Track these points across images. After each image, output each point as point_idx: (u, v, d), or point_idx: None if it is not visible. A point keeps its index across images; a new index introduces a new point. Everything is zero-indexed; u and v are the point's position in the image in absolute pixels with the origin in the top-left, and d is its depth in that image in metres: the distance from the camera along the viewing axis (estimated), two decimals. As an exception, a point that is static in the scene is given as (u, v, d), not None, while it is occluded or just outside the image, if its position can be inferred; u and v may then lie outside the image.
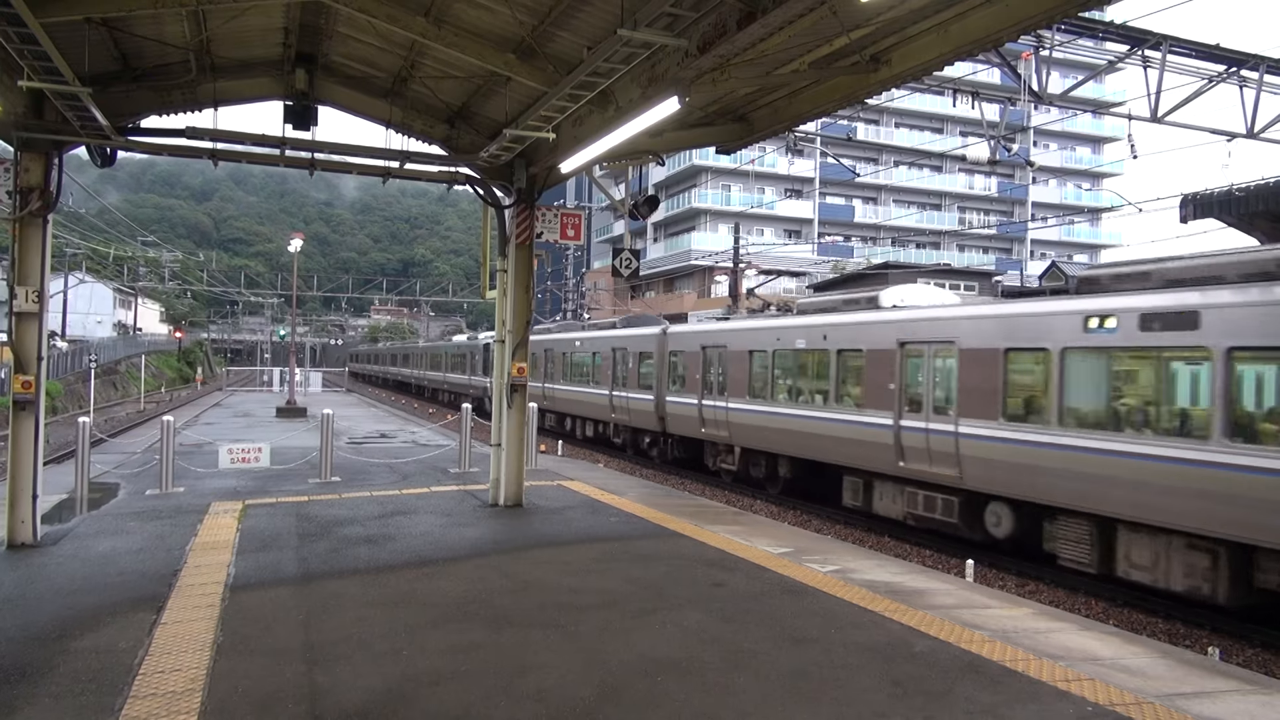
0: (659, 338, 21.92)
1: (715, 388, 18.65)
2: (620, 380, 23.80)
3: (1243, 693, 5.32)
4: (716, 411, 18.45)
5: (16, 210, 9.08)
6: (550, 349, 29.65)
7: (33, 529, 9.17)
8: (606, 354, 25.12)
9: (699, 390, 19.20)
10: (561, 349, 28.91)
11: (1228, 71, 16.18)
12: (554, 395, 28.74)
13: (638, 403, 22.67)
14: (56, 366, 38.65)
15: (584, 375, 27.49)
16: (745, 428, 17.52)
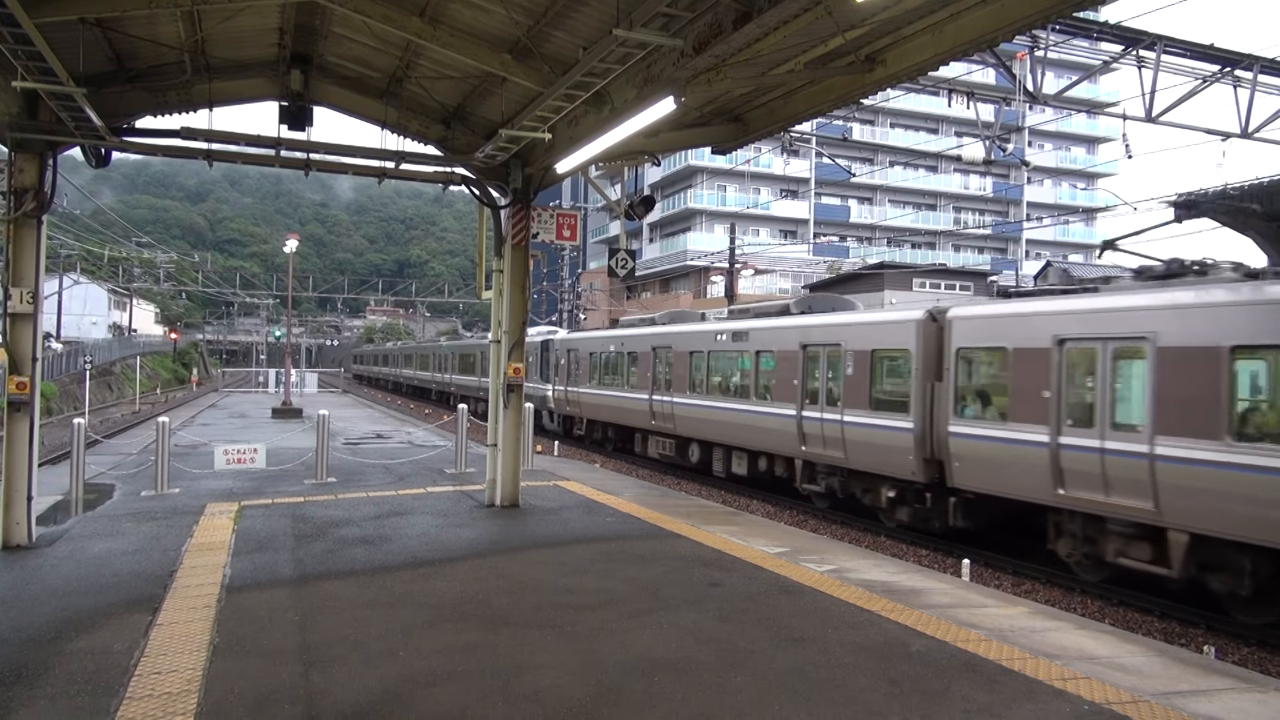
0: None
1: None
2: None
3: (1238, 691, 5.34)
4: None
5: (11, 211, 9.05)
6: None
7: (28, 530, 9.15)
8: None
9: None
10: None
11: (1222, 71, 16.21)
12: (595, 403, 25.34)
13: None
14: (51, 368, 38.56)
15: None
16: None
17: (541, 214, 12.09)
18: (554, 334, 32.56)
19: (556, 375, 28.47)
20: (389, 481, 13.90)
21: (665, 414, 20.47)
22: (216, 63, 10.37)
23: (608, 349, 24.62)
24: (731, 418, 17.70)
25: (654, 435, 21.47)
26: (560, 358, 28.00)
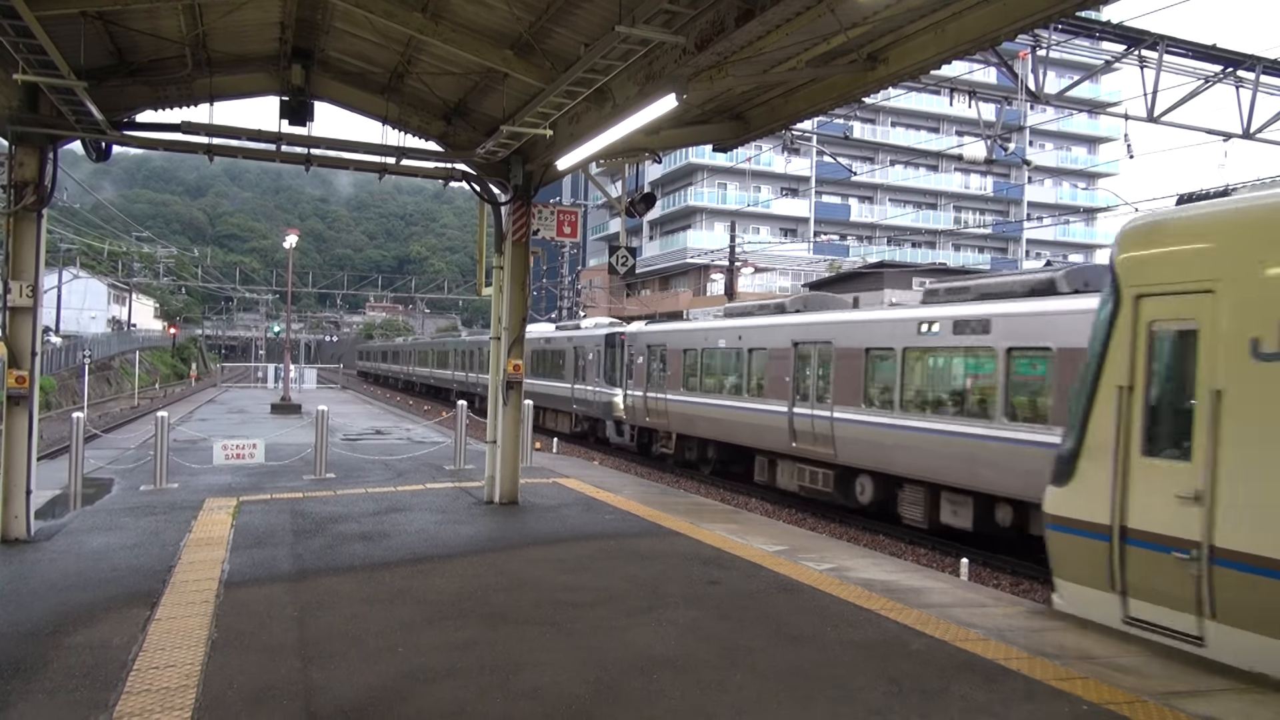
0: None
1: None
2: None
3: (1238, 692, 5.33)
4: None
5: (11, 205, 9.04)
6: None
7: (26, 524, 9.15)
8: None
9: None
10: None
11: (1224, 72, 16.21)
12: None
13: None
14: (50, 362, 38.53)
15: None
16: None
17: (542, 211, 12.08)
18: (618, 326, 26.85)
19: (631, 378, 23.16)
20: (388, 477, 13.90)
21: (817, 434, 15.28)
22: (217, 57, 10.36)
23: (715, 344, 19.25)
24: (954, 447, 12.46)
25: (793, 461, 16.36)
26: (637, 356, 22.74)
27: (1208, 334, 6.11)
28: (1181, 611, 6.14)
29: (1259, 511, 5.68)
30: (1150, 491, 6.37)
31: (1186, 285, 6.32)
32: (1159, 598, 6.28)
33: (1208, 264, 6.23)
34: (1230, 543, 5.80)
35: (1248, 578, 5.68)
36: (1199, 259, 6.33)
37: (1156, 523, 6.29)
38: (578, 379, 27.72)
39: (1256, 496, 5.73)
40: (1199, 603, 6.00)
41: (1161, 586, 6.24)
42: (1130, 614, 6.51)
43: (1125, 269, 6.79)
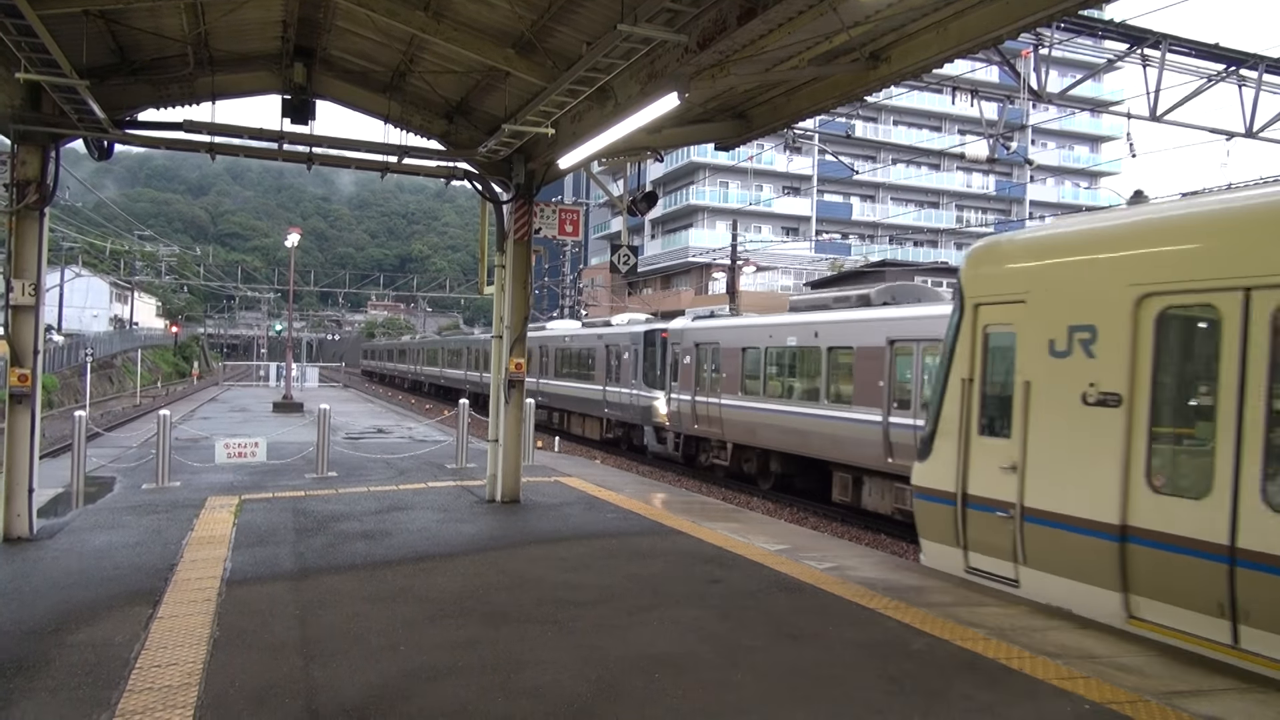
0: None
1: None
2: None
3: (1240, 691, 5.33)
4: None
5: (13, 203, 9.05)
6: None
7: (29, 522, 9.16)
8: None
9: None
10: None
11: (1227, 71, 16.19)
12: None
13: None
14: (53, 360, 38.58)
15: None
16: None
17: (544, 209, 12.08)
18: (657, 322, 24.75)
19: (676, 380, 21.20)
20: (390, 476, 13.90)
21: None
22: (219, 56, 10.36)
23: (784, 342, 17.16)
24: None
25: (887, 479, 14.26)
26: (684, 355, 20.78)
27: (1021, 336, 7.55)
28: (1003, 560, 7.60)
29: (1052, 477, 7.16)
30: (984, 464, 7.79)
31: (1008, 296, 7.76)
32: (989, 549, 7.74)
33: (1022, 280, 7.66)
34: (1034, 503, 7.26)
35: (1045, 529, 7.17)
36: (1016, 275, 7.77)
37: (987, 489, 7.73)
38: (610, 380, 25.30)
39: (1051, 465, 7.18)
40: (1014, 552, 7.45)
41: (990, 540, 7.71)
42: (970, 565, 7.98)
43: (968, 282, 8.25)
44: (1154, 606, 6.39)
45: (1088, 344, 6.94)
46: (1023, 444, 7.36)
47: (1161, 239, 6.71)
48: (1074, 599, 6.95)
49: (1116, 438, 6.60)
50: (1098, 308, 6.90)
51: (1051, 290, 7.34)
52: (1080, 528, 6.85)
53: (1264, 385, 5.78)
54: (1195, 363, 6.58)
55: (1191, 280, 6.29)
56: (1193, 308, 6.39)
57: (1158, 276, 6.52)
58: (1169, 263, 6.52)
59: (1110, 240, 7.23)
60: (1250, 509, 5.75)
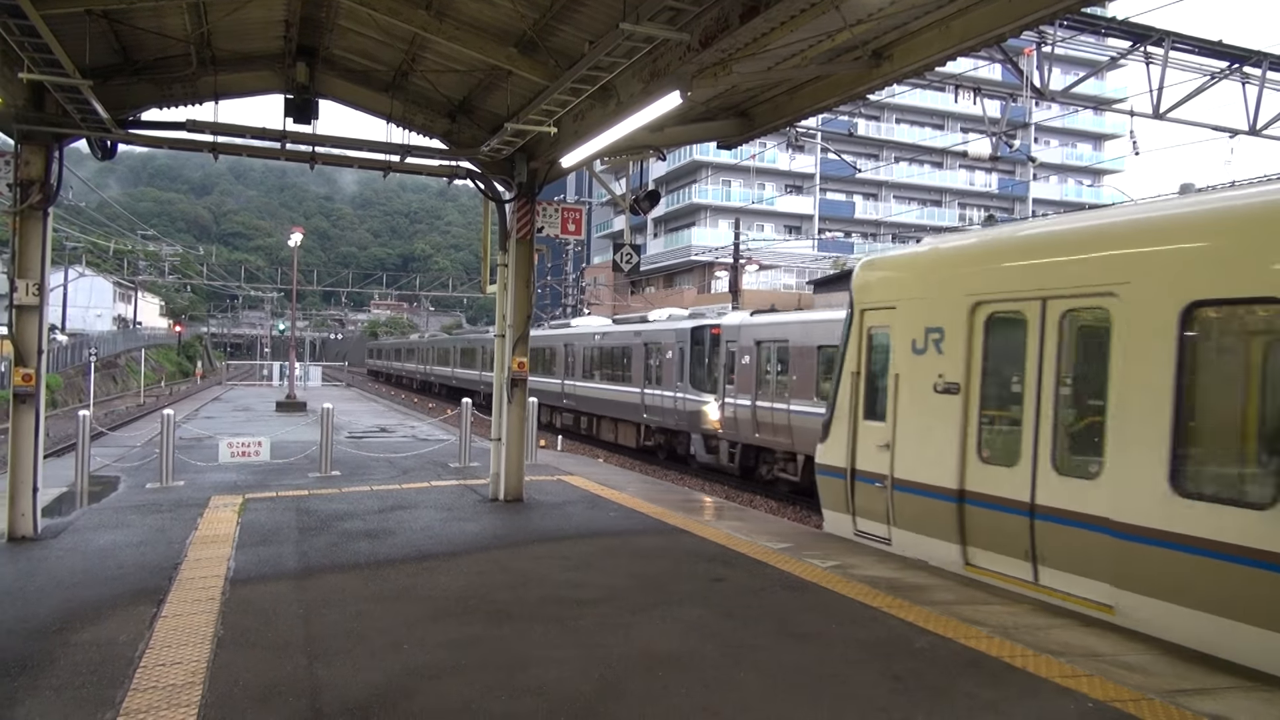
0: None
1: None
2: None
3: (1245, 690, 5.32)
4: None
5: (17, 203, 9.06)
6: None
7: (33, 522, 9.17)
8: None
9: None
10: None
11: (1230, 68, 16.16)
12: None
13: None
14: (56, 360, 38.65)
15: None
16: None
17: (546, 208, 12.08)
18: (703, 317, 21.91)
19: (732, 383, 19.18)
20: (393, 475, 13.92)
21: None
22: (222, 55, 10.37)
23: None
24: None
25: None
26: (742, 355, 18.86)
27: (893, 336, 9.11)
28: (880, 523, 9.17)
29: (913, 452, 8.71)
30: (867, 443, 9.38)
31: (885, 303, 9.38)
32: (870, 515, 9.34)
33: (894, 289, 9.35)
34: (900, 474, 8.82)
35: (907, 496, 8.74)
36: (891, 285, 9.44)
37: (869, 464, 9.31)
38: (649, 383, 23.35)
39: (912, 443, 8.74)
40: (887, 515, 9.05)
41: (871, 507, 9.29)
42: (858, 529, 9.57)
43: (856, 290, 9.82)
44: (983, 555, 7.98)
45: (938, 342, 8.48)
46: (893, 426, 8.95)
47: (988, 259, 8.38)
48: (927, 552, 8.50)
49: (957, 419, 8.16)
50: (945, 313, 8.41)
51: (914, 298, 8.94)
52: (931, 493, 8.41)
53: (1054, 374, 7.32)
54: (1010, 357, 7.87)
55: (1008, 291, 7.86)
56: (1009, 312, 7.83)
57: (986, 288, 8.06)
58: (994, 277, 8.09)
59: (955, 259, 8.78)
60: (1044, 473, 7.26)
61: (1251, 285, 5.99)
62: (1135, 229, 7.15)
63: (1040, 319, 7.44)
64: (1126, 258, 6.90)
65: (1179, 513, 6.15)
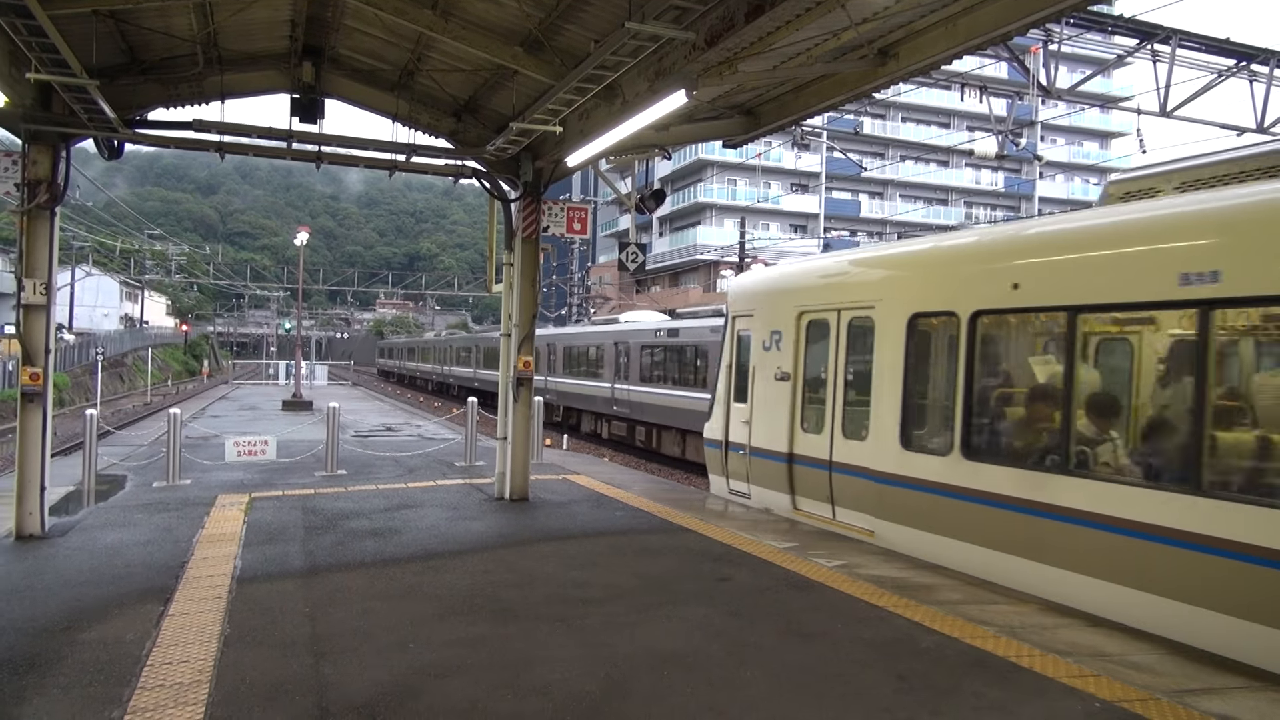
0: None
1: None
2: None
3: (1252, 690, 5.30)
4: None
5: (24, 203, 9.09)
6: None
7: (40, 520, 9.20)
8: None
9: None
10: None
11: (1238, 66, 16.10)
12: None
13: None
14: (64, 359, 38.78)
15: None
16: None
17: (552, 207, 12.08)
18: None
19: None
20: (399, 474, 13.94)
21: None
22: (228, 55, 10.39)
23: None
24: None
25: None
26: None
27: (752, 337, 11.58)
28: (744, 482, 11.60)
29: (763, 426, 11.12)
30: (736, 420, 11.83)
31: (747, 311, 11.87)
32: (738, 476, 11.77)
33: (753, 300, 11.83)
34: (756, 443, 11.28)
35: (760, 460, 11.15)
36: (750, 297, 11.97)
37: (736, 436, 11.77)
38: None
39: (762, 419, 11.17)
40: (748, 476, 11.49)
41: (738, 470, 11.73)
42: (731, 489, 11.96)
43: (730, 301, 12.55)
44: (804, 500, 10.44)
45: (779, 341, 10.96)
46: (751, 406, 11.39)
47: (809, 278, 11.09)
48: (772, 501, 10.94)
49: (788, 399, 10.66)
50: (783, 319, 10.90)
51: (765, 308, 11.41)
52: (773, 456, 10.86)
53: (843, 364, 9.89)
54: (820, 352, 10.34)
55: (819, 303, 10.41)
56: (819, 319, 10.38)
57: (807, 301, 10.64)
58: (811, 293, 10.68)
59: (790, 278, 11.41)
60: (837, 438, 9.77)
61: (941, 303, 8.54)
62: (888, 263, 9.96)
63: (837, 324, 9.99)
64: (880, 282, 9.61)
65: (905, 461, 8.69)
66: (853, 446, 9.48)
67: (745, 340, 11.75)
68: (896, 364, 8.87)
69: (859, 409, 9.56)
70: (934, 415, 8.77)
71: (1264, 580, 5.61)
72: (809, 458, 10.21)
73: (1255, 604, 5.70)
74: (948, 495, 8.07)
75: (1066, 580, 7.01)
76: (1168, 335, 6.89)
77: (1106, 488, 6.77)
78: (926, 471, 8.35)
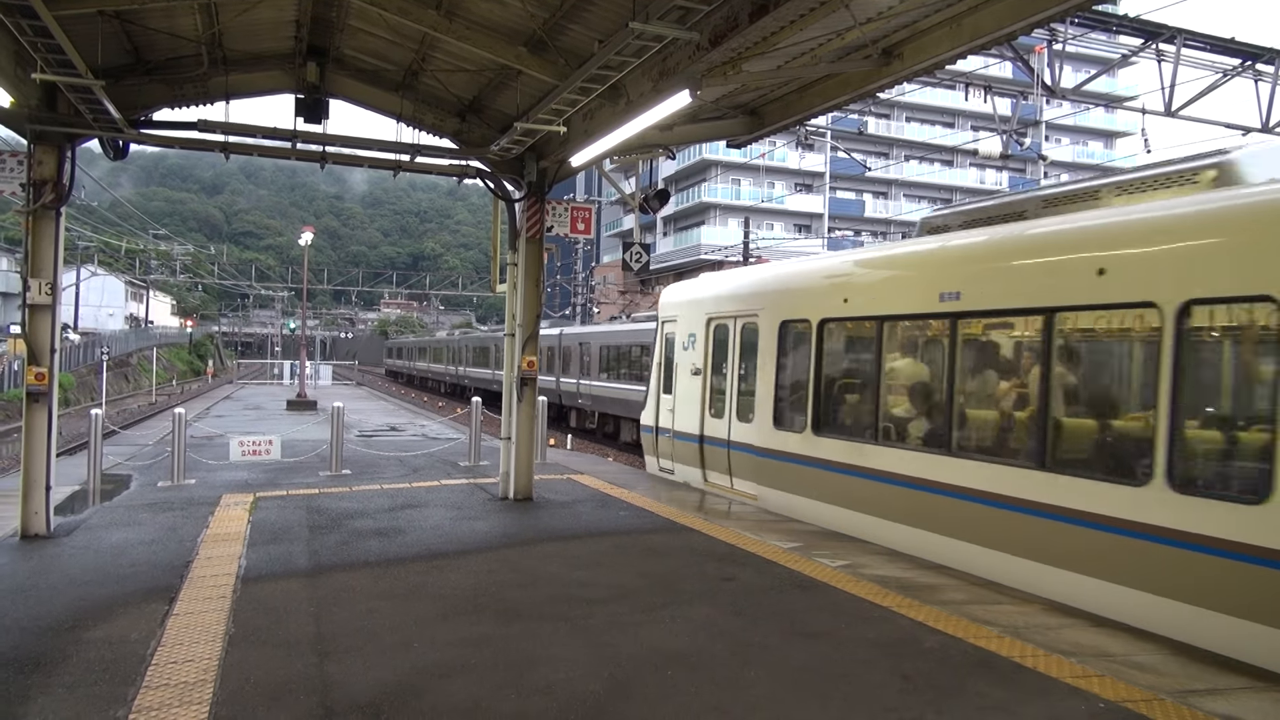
0: None
1: None
2: None
3: (1256, 690, 5.29)
4: None
5: (30, 203, 9.10)
6: None
7: (46, 520, 9.23)
8: None
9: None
10: None
11: (1243, 65, 16.06)
12: None
13: None
14: (69, 359, 38.88)
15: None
16: None
17: (556, 207, 12.09)
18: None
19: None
20: (403, 474, 13.95)
21: None
22: (233, 55, 10.41)
23: None
24: None
25: None
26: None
27: (675, 338, 13.80)
28: (670, 460, 13.78)
29: (683, 413, 13.34)
30: (663, 409, 14.03)
31: (672, 316, 14.14)
32: (666, 456, 13.94)
33: (676, 308, 14.08)
34: (677, 427, 13.50)
35: (680, 441, 13.39)
36: (676, 305, 14.16)
37: (664, 422, 14.00)
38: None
39: (681, 407, 13.40)
40: (673, 456, 13.65)
41: (666, 451, 13.92)
42: (660, 467, 14.12)
43: (661, 309, 14.64)
44: (711, 474, 12.64)
45: (694, 342, 13.21)
46: (674, 397, 13.62)
47: (716, 291, 13.22)
48: (688, 476, 13.26)
49: (699, 391, 12.92)
50: (696, 324, 13.19)
51: (684, 314, 13.66)
52: (688, 438, 13.19)
53: (738, 361, 12.12)
54: (722, 352, 12.58)
55: (722, 312, 12.64)
56: (722, 324, 12.62)
57: (713, 310, 12.90)
58: (717, 303, 12.90)
59: (702, 290, 13.72)
60: (734, 421, 12.04)
61: (800, 313, 10.84)
62: (770, 278, 12.05)
63: (734, 329, 12.25)
64: (764, 294, 11.78)
65: (775, 438, 11.05)
66: (744, 428, 11.80)
67: (671, 341, 13.99)
68: (770, 361, 11.37)
69: (749, 397, 11.85)
70: (796, 401, 10.97)
71: (984, 514, 7.90)
72: (714, 438, 12.51)
73: (980, 532, 7.98)
74: (802, 463, 10.52)
75: (880, 526, 9.24)
76: (936, 339, 9.10)
77: (901, 453, 9.00)
78: (789, 445, 10.81)
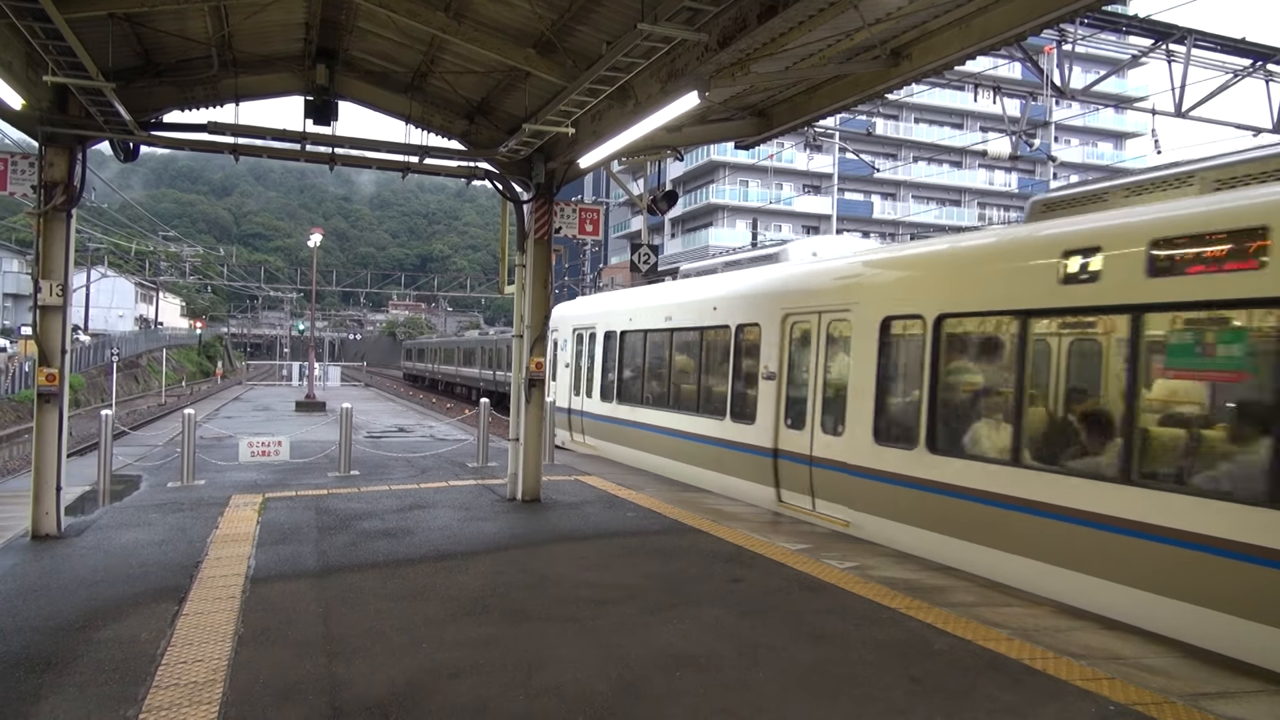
0: None
1: None
2: None
3: (1269, 694, 5.26)
4: None
5: (41, 205, 9.15)
6: None
7: (56, 520, 9.27)
8: None
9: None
10: None
11: (1254, 66, 15.99)
12: None
13: None
14: (79, 360, 39.06)
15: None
16: None
17: (564, 209, 12.10)
18: None
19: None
20: (411, 475, 13.97)
21: None
22: (243, 58, 10.44)
23: None
24: None
25: None
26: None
27: (558, 342, 18.73)
28: (594, 439, 16.73)
29: (564, 394, 18.13)
30: (561, 390, 18.35)
31: (554, 327, 17.42)
32: (561, 426, 17.68)
33: (558, 321, 18.04)
34: (560, 404, 17.83)
35: (561, 415, 17.80)
36: (558, 319, 18.10)
37: (561, 401, 18.02)
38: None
39: (562, 390, 18.15)
40: (568, 426, 17.84)
41: (561, 422, 17.75)
42: (586, 443, 16.96)
43: (551, 321, 13.99)
44: (575, 435, 18.22)
45: (567, 345, 18.03)
46: (556, 384, 17.77)
47: (579, 310, 18.80)
48: (564, 439, 17.91)
49: (569, 379, 18.16)
50: (567, 332, 17.47)
51: (563, 326, 17.88)
52: (566, 412, 17.89)
53: (587, 356, 17.69)
54: (582, 350, 17.57)
55: (582, 323, 17.58)
56: (581, 332, 17.73)
57: (576, 322, 17.80)
58: (579, 319, 17.91)
59: (571, 309, 17.70)
60: (585, 395, 17.12)
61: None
62: (600, 302, 17.17)
63: (587, 335, 16.49)
64: (597, 313, 16.37)
65: (601, 407, 16.12)
66: (586, 401, 17.17)
67: (555, 344, 18.56)
68: (597, 354, 16.78)
69: (587, 380, 17.32)
70: (630, 381, 15.61)
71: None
72: (577, 410, 17.59)
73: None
74: (612, 423, 14.98)
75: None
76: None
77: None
78: (602, 410, 15.91)
